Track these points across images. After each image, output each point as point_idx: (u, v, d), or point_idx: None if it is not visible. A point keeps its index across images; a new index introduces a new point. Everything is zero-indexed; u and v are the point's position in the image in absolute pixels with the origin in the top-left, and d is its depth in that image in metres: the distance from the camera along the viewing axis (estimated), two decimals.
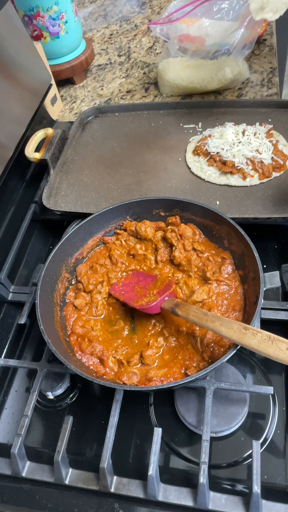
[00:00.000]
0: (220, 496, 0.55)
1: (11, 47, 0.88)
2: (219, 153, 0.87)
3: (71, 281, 0.78)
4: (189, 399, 0.63)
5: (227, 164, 0.85)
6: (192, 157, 0.91)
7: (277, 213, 0.76)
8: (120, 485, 0.57)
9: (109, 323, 0.72)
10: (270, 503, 0.54)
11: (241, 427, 0.62)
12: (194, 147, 0.93)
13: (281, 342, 0.53)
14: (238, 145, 0.87)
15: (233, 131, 0.89)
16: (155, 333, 0.69)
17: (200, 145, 0.91)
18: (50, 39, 1.14)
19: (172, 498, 0.55)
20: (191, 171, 0.89)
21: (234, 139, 0.88)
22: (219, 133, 0.90)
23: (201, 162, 0.89)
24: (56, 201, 0.89)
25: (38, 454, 0.65)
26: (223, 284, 0.71)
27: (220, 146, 0.88)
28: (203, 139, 0.92)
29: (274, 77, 1.11)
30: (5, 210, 0.89)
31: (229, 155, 0.86)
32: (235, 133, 0.89)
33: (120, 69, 1.29)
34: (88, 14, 1.58)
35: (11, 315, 0.82)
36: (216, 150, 0.87)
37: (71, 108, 1.21)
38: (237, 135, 0.89)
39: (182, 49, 1.08)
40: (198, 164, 0.89)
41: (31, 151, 0.93)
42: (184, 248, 0.76)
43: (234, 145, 0.87)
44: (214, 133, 0.91)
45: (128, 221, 0.82)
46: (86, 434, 0.66)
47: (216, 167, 0.87)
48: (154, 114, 1.04)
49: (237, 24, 1.01)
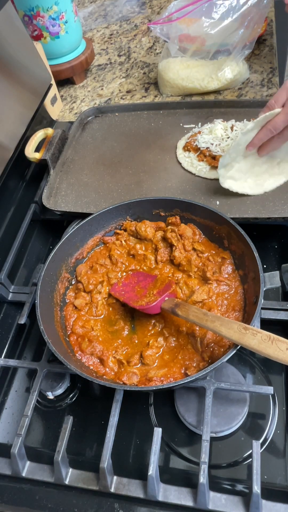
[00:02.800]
0: (220, 496, 0.55)
1: (11, 47, 0.88)
2: (208, 148, 0.88)
3: (71, 281, 0.78)
4: (189, 399, 0.63)
5: (216, 159, 0.86)
6: (182, 153, 0.92)
7: (277, 213, 0.76)
8: (120, 485, 0.57)
9: (109, 323, 0.72)
10: (270, 503, 0.54)
11: (241, 427, 0.62)
12: (184, 144, 0.94)
13: (281, 342, 0.53)
14: (227, 140, 0.88)
15: (222, 127, 0.90)
16: (155, 333, 0.69)
17: (190, 141, 0.92)
18: (50, 39, 1.14)
19: (172, 498, 0.55)
20: (182, 166, 0.90)
21: (223, 134, 0.89)
22: (208, 129, 0.91)
23: (192, 157, 0.90)
24: (56, 201, 0.89)
25: (38, 454, 0.65)
26: (223, 284, 0.71)
27: (210, 141, 0.89)
28: (193, 135, 0.93)
29: (274, 77, 1.11)
30: (5, 210, 0.89)
31: (218, 149, 0.87)
32: (224, 128, 0.90)
33: (120, 69, 1.29)
34: (88, 14, 1.58)
35: (11, 315, 0.82)
36: (206, 145, 0.88)
37: (71, 108, 1.21)
38: (226, 130, 0.90)
39: (182, 49, 1.08)
40: (189, 160, 0.90)
41: (31, 151, 0.93)
42: (184, 248, 0.76)
43: (223, 140, 0.88)
44: (204, 130, 0.92)
45: (128, 221, 0.82)
46: (86, 434, 0.66)
47: (206, 162, 0.88)
48: (154, 114, 1.04)
49: (237, 24, 1.01)
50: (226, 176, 0.80)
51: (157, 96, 1.17)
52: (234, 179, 0.81)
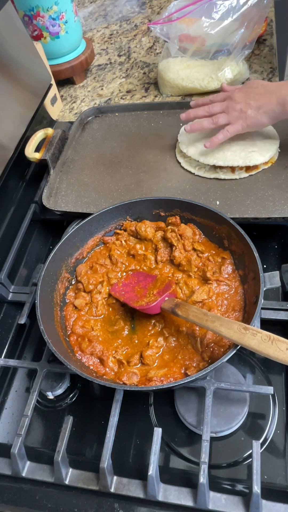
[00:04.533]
0: (220, 496, 0.55)
1: (11, 47, 0.88)
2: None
3: (71, 281, 0.78)
4: (189, 399, 0.63)
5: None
6: (180, 152, 0.92)
7: (277, 213, 0.76)
8: (120, 485, 0.57)
9: (109, 323, 0.72)
10: (270, 503, 0.54)
11: (241, 427, 0.62)
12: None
13: (281, 342, 0.53)
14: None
15: None
16: (155, 333, 0.69)
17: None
18: (50, 39, 1.14)
19: (172, 498, 0.55)
20: (181, 166, 0.90)
21: None
22: None
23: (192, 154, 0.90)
24: (56, 201, 0.89)
25: (38, 454, 0.65)
26: (223, 284, 0.71)
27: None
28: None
29: (274, 77, 1.11)
30: (5, 210, 0.89)
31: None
32: None
33: (120, 69, 1.29)
34: (88, 14, 1.58)
35: (11, 315, 0.82)
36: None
37: (71, 108, 1.21)
38: None
39: (182, 49, 1.08)
40: (187, 159, 0.90)
41: (31, 151, 0.93)
42: (184, 248, 0.76)
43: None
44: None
45: (128, 221, 0.82)
46: (86, 434, 0.66)
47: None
48: (154, 114, 1.04)
49: (237, 24, 1.01)
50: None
51: (157, 96, 1.17)
52: (195, 146, 0.88)
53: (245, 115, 0.77)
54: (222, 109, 0.81)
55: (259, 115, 0.76)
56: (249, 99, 0.77)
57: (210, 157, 0.85)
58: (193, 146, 0.88)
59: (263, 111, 0.76)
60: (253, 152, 0.83)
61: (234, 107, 0.78)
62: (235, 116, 0.78)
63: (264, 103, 0.75)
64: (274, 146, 0.85)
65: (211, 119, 0.82)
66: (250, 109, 0.76)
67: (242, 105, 0.77)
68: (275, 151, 0.85)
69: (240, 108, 0.77)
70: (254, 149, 0.83)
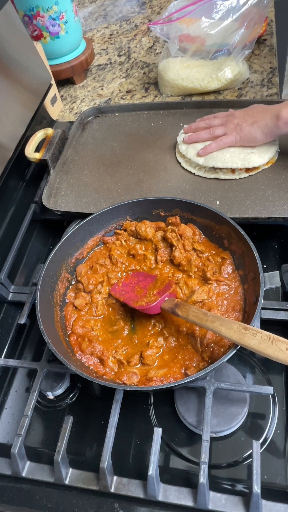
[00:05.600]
0: (220, 496, 0.55)
1: (11, 47, 0.88)
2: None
3: (71, 281, 0.78)
4: (189, 399, 0.63)
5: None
6: (180, 152, 0.92)
7: (277, 213, 0.76)
8: (120, 485, 0.57)
9: (109, 323, 0.72)
10: (270, 503, 0.54)
11: (241, 427, 0.62)
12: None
13: (281, 342, 0.53)
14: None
15: None
16: (155, 333, 0.69)
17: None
18: (50, 39, 1.14)
19: (172, 498, 0.55)
20: (181, 166, 0.90)
21: None
22: None
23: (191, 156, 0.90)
24: (56, 201, 0.89)
25: (38, 454, 0.65)
26: (223, 284, 0.71)
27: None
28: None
29: (274, 77, 1.11)
30: (5, 210, 0.89)
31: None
32: None
33: (120, 69, 1.29)
34: (88, 14, 1.58)
35: (11, 315, 0.82)
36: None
37: (71, 108, 1.21)
38: None
39: (182, 49, 1.08)
40: (187, 159, 0.90)
41: (31, 151, 0.93)
42: (184, 248, 0.76)
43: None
44: None
45: (128, 221, 0.82)
46: (86, 434, 0.66)
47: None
48: (154, 114, 1.04)
49: (237, 24, 1.01)
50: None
51: (157, 96, 1.17)
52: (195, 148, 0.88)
53: (240, 128, 0.83)
54: (221, 123, 0.87)
55: (252, 129, 0.82)
56: (247, 115, 0.84)
57: (209, 159, 0.85)
58: (192, 148, 0.89)
59: (257, 125, 0.81)
60: (252, 154, 0.83)
61: (232, 121, 0.85)
62: (231, 128, 0.84)
63: (259, 119, 0.81)
64: (273, 148, 0.85)
65: (209, 130, 0.87)
66: (245, 123, 0.83)
67: (239, 120, 0.84)
68: (273, 153, 0.85)
69: (237, 122, 0.84)
70: (253, 151, 0.83)
